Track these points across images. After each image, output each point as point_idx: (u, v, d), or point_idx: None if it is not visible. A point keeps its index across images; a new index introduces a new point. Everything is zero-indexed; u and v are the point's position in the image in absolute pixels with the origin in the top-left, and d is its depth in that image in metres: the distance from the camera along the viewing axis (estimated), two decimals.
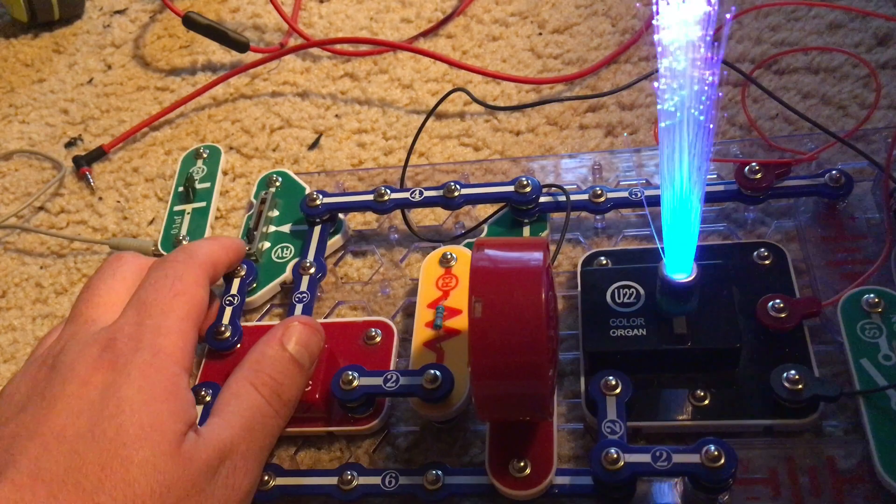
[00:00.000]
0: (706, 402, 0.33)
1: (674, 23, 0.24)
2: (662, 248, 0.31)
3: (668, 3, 0.23)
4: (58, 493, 0.26)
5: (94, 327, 0.31)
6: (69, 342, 0.30)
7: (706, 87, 0.25)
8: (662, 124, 0.26)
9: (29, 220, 0.48)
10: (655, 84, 0.26)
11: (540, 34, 0.51)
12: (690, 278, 0.32)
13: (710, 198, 0.38)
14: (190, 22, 0.52)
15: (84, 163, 0.50)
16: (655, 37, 0.24)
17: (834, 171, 0.37)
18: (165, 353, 0.30)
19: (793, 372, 0.31)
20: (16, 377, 0.31)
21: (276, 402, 0.32)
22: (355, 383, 0.34)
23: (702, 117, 0.26)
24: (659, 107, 0.26)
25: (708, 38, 0.24)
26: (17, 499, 0.25)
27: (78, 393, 0.28)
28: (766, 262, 0.36)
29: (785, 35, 0.46)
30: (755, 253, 0.36)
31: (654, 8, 0.23)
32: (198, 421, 0.30)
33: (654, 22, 0.24)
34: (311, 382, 0.35)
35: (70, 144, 0.52)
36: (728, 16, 0.23)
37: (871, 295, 0.33)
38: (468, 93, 0.46)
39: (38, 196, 0.48)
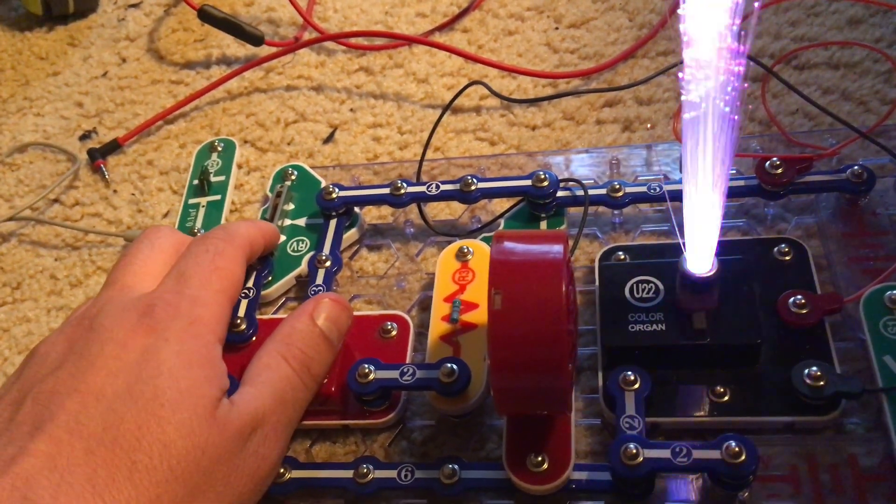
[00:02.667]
0: (726, 398, 0.32)
1: (700, 11, 0.23)
2: (683, 243, 0.31)
3: None
4: (95, 448, 0.26)
5: (132, 294, 0.32)
6: (106, 305, 0.31)
7: (732, 78, 0.25)
8: (686, 116, 0.26)
9: (44, 213, 0.48)
10: (680, 74, 0.25)
11: (556, 28, 0.51)
12: (711, 273, 0.31)
13: (730, 193, 0.37)
14: (205, 15, 0.52)
15: (99, 155, 0.50)
16: (681, 25, 0.24)
17: (856, 167, 0.37)
18: (202, 323, 0.31)
19: (815, 368, 0.31)
20: (50, 337, 0.31)
21: (306, 375, 0.32)
22: (371, 376, 0.34)
23: (727, 108, 0.25)
24: (683, 97, 0.26)
25: (735, 28, 0.23)
26: (54, 452, 0.26)
27: (116, 354, 0.28)
28: (787, 257, 0.36)
29: (805, 30, 0.45)
30: (776, 248, 0.36)
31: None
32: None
33: (679, 10, 0.24)
34: (326, 376, 0.35)
35: (85, 137, 0.52)
36: (756, 4, 0.23)
37: (895, 291, 0.32)
38: (486, 85, 0.45)
39: (53, 188, 0.48)
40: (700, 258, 0.31)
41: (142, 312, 0.30)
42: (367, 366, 0.34)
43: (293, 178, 0.45)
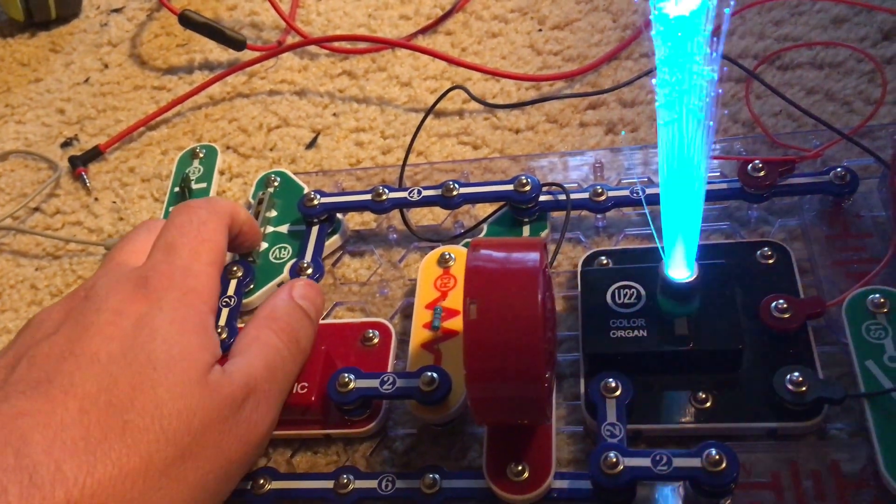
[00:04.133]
0: (708, 404, 0.32)
1: (671, 18, 0.23)
2: (662, 248, 0.31)
3: (662, 3, 0.23)
4: (89, 408, 0.27)
5: (126, 268, 0.32)
6: (102, 278, 0.32)
7: (706, 84, 0.24)
8: (661, 122, 0.26)
9: (24, 222, 0.48)
10: (653, 80, 0.25)
11: (540, 30, 0.50)
12: (691, 278, 0.31)
13: (712, 196, 0.38)
14: (186, 20, 0.51)
15: (80, 163, 0.49)
16: (652, 32, 0.24)
17: (839, 169, 0.36)
18: (195, 293, 0.32)
19: (796, 374, 0.31)
20: (47, 307, 0.32)
21: (294, 345, 0.33)
22: (351, 385, 0.34)
23: (702, 115, 0.25)
24: (657, 104, 0.25)
25: (707, 34, 0.23)
26: (49, 410, 0.26)
27: (112, 320, 0.29)
28: (770, 261, 0.35)
29: (788, 30, 0.45)
30: (759, 252, 0.36)
31: (651, 3, 0.23)
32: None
33: (650, 17, 0.23)
34: (307, 385, 0.34)
35: (66, 144, 0.52)
36: (727, 10, 0.23)
37: (877, 295, 0.32)
38: (466, 90, 0.45)
39: (34, 197, 0.48)
40: (680, 264, 0.31)
41: (136, 283, 0.31)
42: (347, 375, 0.34)
43: (276, 184, 0.44)
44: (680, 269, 0.31)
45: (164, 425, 0.27)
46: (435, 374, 0.33)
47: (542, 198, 0.39)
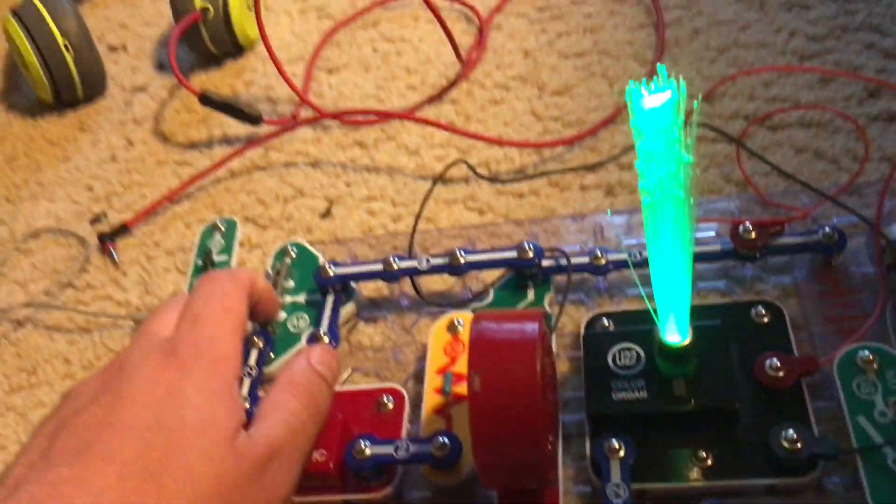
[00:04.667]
0: (709, 462, 0.33)
1: (645, 108, 0.25)
2: (656, 313, 0.32)
3: (637, 94, 0.25)
4: (126, 474, 0.29)
5: (156, 339, 0.34)
6: (134, 350, 0.34)
7: (684, 167, 0.26)
8: (644, 202, 0.27)
9: (57, 297, 0.50)
10: (635, 164, 0.27)
11: (540, 97, 0.53)
12: (686, 342, 0.33)
13: (706, 257, 0.39)
14: (206, 100, 0.54)
15: (108, 239, 0.52)
16: (630, 123, 0.26)
17: (827, 228, 0.38)
18: (221, 361, 0.33)
19: (791, 431, 0.32)
20: (84, 380, 0.34)
21: (314, 409, 0.35)
22: (367, 452, 0.35)
23: (682, 195, 0.27)
24: (640, 186, 0.27)
25: (680, 122, 0.25)
26: (89, 477, 0.28)
27: (145, 389, 0.31)
28: (765, 319, 0.37)
29: (777, 91, 0.47)
30: (753, 311, 0.37)
31: (625, 98, 0.25)
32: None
33: (626, 109, 0.25)
34: (325, 452, 0.36)
35: (95, 221, 0.54)
36: (696, 104, 0.25)
37: (866, 352, 0.33)
38: (467, 164, 0.47)
39: (66, 273, 0.51)
40: (674, 328, 0.33)
41: (166, 353, 0.33)
42: (362, 442, 0.35)
43: (293, 255, 0.47)
44: (674, 333, 0.33)
45: (195, 488, 0.29)
46: (446, 440, 0.34)
47: (545, 263, 0.41)
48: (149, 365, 0.32)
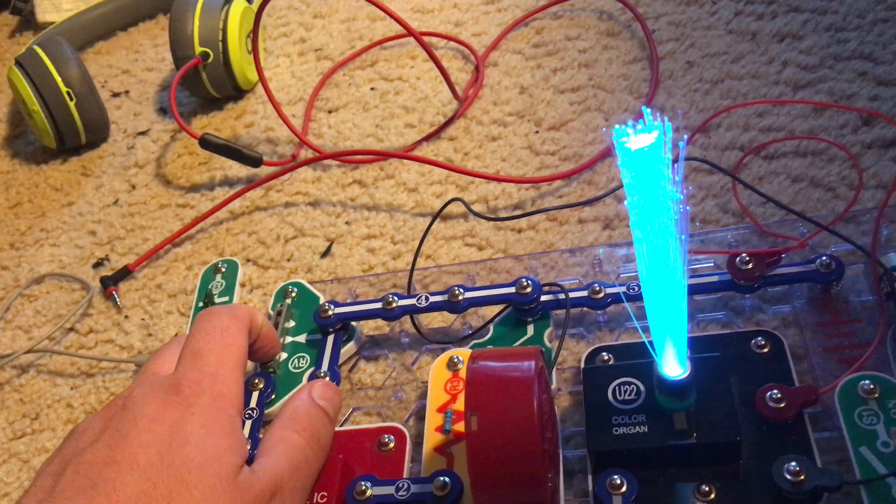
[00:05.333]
0: (712, 496, 0.33)
1: (633, 149, 0.25)
2: (654, 349, 0.32)
3: (623, 135, 0.25)
4: None
5: (159, 377, 0.35)
6: (137, 388, 0.34)
7: (673, 205, 0.26)
8: (636, 237, 0.28)
9: (60, 342, 0.51)
10: (626, 202, 0.27)
11: (537, 132, 0.53)
12: (684, 375, 0.33)
13: (704, 289, 0.39)
14: (206, 143, 0.55)
15: (111, 283, 0.52)
16: (618, 163, 0.26)
17: (824, 258, 0.38)
18: (223, 397, 0.34)
19: (793, 464, 0.32)
20: (88, 417, 0.34)
21: (315, 443, 0.35)
22: (368, 493, 0.35)
23: (673, 231, 0.27)
24: (631, 224, 0.27)
25: (667, 161, 0.25)
26: None
27: (149, 427, 0.31)
28: (764, 350, 0.37)
29: (772, 121, 0.47)
30: (752, 342, 0.37)
31: (612, 139, 0.25)
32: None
33: (613, 150, 0.26)
34: (326, 494, 0.36)
35: (98, 265, 0.55)
36: (681, 144, 0.25)
37: (867, 381, 0.33)
38: (464, 202, 0.48)
39: (69, 318, 0.51)
40: (673, 362, 0.33)
41: (169, 390, 0.33)
42: (363, 483, 0.35)
43: (293, 295, 0.47)
44: (673, 366, 0.33)
45: None
46: (447, 479, 0.34)
47: (544, 297, 0.41)
48: (152, 403, 0.32)
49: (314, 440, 0.35)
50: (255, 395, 0.42)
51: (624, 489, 0.33)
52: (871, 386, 0.33)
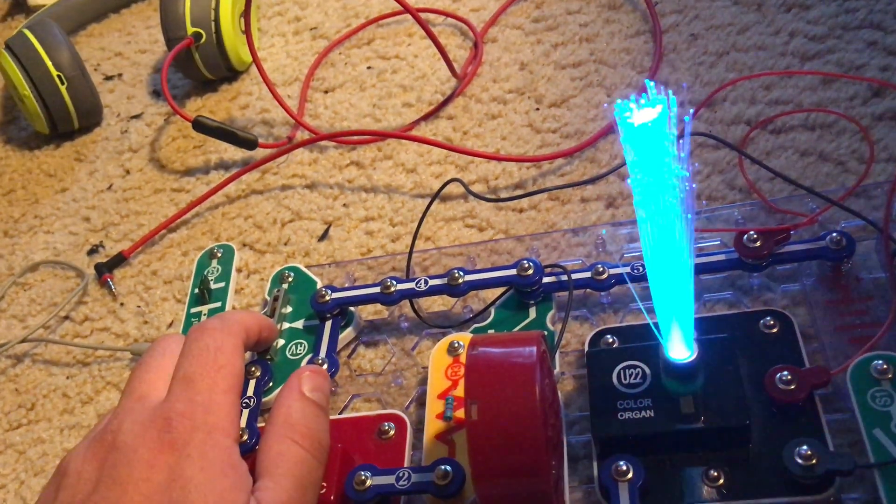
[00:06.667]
0: (721, 481, 0.32)
1: (636, 124, 0.24)
2: (659, 331, 0.31)
3: (626, 110, 0.24)
4: None
5: (148, 403, 0.33)
6: (125, 419, 0.32)
7: (678, 181, 0.25)
8: (640, 216, 0.26)
9: (55, 331, 0.50)
10: (628, 180, 0.26)
11: (537, 109, 0.52)
12: (691, 358, 0.32)
13: (711, 268, 0.38)
14: (200, 126, 0.54)
15: (105, 270, 0.51)
16: (621, 139, 0.25)
17: (834, 234, 0.37)
18: (218, 430, 0.32)
19: (805, 447, 0.31)
20: (77, 453, 0.32)
21: (317, 450, 0.33)
22: (368, 483, 0.34)
23: (678, 209, 0.26)
24: (635, 202, 0.26)
25: (672, 137, 0.24)
26: None
27: (146, 476, 0.30)
28: (773, 330, 0.36)
29: (779, 93, 0.46)
30: (761, 322, 0.36)
31: (614, 114, 0.24)
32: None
33: (616, 126, 0.25)
34: (325, 484, 0.35)
35: (92, 252, 0.54)
36: (687, 119, 0.24)
37: (880, 361, 0.32)
38: (463, 183, 0.47)
39: (63, 306, 0.50)
40: (679, 344, 0.32)
41: (161, 428, 0.31)
42: (363, 473, 0.34)
43: (290, 280, 0.46)
44: (679, 349, 0.32)
45: None
46: (448, 468, 0.33)
47: (546, 279, 0.40)
48: (145, 446, 0.31)
49: (315, 446, 0.33)
50: (252, 383, 0.41)
51: (630, 475, 0.32)
52: (885, 366, 0.32)
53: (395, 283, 0.42)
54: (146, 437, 0.31)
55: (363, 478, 0.34)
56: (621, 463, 0.32)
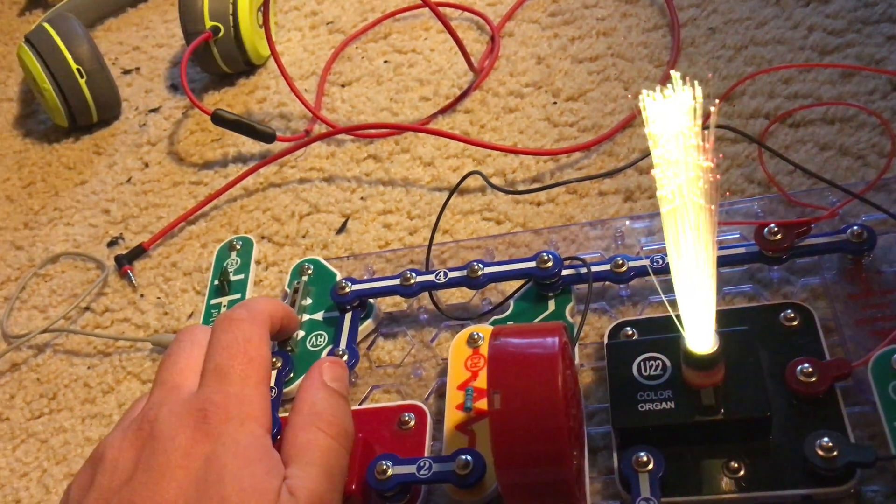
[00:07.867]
0: (741, 473, 0.32)
1: (662, 114, 0.24)
2: (680, 322, 0.32)
3: (653, 99, 0.24)
4: None
5: (181, 394, 0.34)
6: (161, 409, 0.33)
7: (703, 173, 0.25)
8: (663, 210, 0.27)
9: (76, 321, 0.50)
10: (653, 171, 0.26)
11: (555, 103, 0.52)
12: (713, 349, 0.32)
13: (731, 260, 0.38)
14: (218, 119, 0.54)
15: (125, 261, 0.52)
16: (646, 130, 0.25)
17: (855, 227, 0.37)
18: (252, 419, 0.33)
19: (825, 439, 0.31)
20: (114, 440, 0.33)
21: (344, 438, 0.34)
22: (389, 472, 0.35)
23: (702, 201, 0.26)
24: (658, 194, 0.26)
25: (697, 127, 0.24)
26: None
27: (183, 464, 0.31)
28: (794, 323, 0.36)
29: (798, 87, 0.46)
30: (782, 314, 0.36)
31: (641, 103, 0.24)
32: None
33: (641, 115, 0.25)
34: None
35: (112, 244, 0.54)
36: (712, 108, 0.24)
37: None
38: (482, 175, 0.47)
39: (84, 297, 0.51)
40: (700, 336, 0.32)
41: (197, 418, 0.32)
42: (384, 462, 0.35)
43: (309, 272, 0.46)
44: (700, 340, 0.32)
45: None
46: (469, 458, 0.34)
47: (565, 272, 0.40)
48: (182, 434, 0.31)
49: (342, 435, 0.34)
50: (274, 374, 0.41)
51: (651, 466, 0.32)
52: None
53: (414, 275, 0.42)
54: (183, 426, 0.32)
55: (384, 467, 0.35)
56: (642, 454, 0.32)
